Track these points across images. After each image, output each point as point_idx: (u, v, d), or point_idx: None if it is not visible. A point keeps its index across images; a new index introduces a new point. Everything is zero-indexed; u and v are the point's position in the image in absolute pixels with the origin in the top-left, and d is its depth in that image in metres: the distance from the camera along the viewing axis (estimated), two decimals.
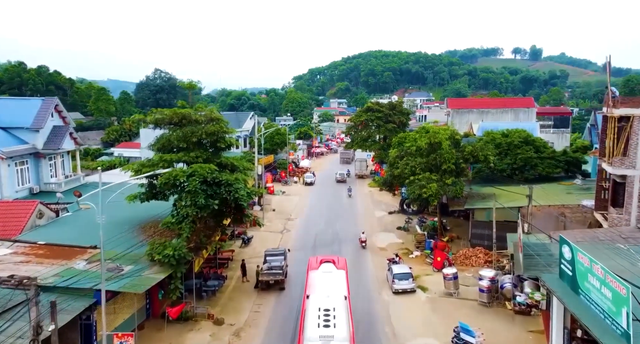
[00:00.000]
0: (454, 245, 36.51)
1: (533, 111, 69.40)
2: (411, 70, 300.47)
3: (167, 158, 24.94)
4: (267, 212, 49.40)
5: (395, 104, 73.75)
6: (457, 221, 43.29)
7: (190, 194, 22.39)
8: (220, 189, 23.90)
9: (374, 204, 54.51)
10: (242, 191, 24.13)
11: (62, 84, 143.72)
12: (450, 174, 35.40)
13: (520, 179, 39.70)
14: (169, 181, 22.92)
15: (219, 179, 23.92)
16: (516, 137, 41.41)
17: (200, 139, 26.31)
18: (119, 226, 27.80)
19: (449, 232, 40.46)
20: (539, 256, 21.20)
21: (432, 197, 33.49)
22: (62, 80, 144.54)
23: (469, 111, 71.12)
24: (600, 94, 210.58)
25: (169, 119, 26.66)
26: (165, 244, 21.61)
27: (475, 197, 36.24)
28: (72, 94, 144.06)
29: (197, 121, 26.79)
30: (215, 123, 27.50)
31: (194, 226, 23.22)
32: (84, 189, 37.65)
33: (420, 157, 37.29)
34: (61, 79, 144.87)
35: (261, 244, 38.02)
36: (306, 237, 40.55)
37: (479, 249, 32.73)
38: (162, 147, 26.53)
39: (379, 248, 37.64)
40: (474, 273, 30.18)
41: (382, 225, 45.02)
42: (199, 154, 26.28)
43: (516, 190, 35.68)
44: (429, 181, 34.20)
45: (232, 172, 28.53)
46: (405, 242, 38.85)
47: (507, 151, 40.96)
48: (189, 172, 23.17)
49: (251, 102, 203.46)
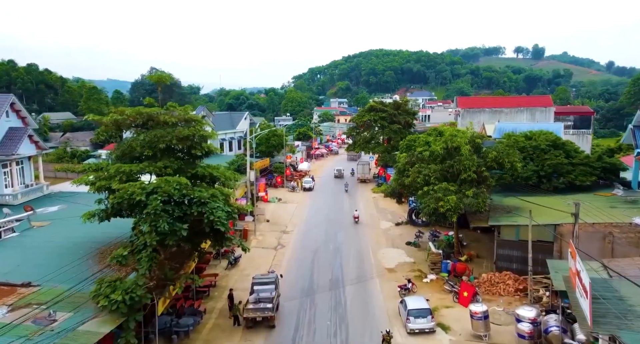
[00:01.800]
0: (475, 266, 31.41)
1: (551, 110, 64.10)
2: (413, 69, 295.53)
3: (126, 169, 19.83)
4: (260, 223, 44.32)
5: (400, 103, 68.67)
6: (473, 235, 38.10)
7: (149, 218, 17.29)
8: (191, 209, 18.81)
9: (379, 213, 49.41)
10: (219, 211, 19.03)
11: (52, 82, 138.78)
12: (470, 184, 30.33)
13: (549, 188, 34.61)
14: (122, 201, 17.81)
15: (191, 197, 18.82)
16: (542, 140, 36.28)
17: (170, 145, 21.25)
18: (74, 250, 22.83)
19: (467, 249, 35.39)
20: (605, 300, 16.11)
21: (450, 212, 28.41)
22: (52, 78, 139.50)
23: (480, 111, 65.81)
24: (607, 93, 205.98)
25: (131, 121, 21.56)
26: (115, 284, 16.52)
27: (499, 211, 31.11)
28: (63, 93, 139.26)
29: (167, 123, 21.68)
30: (190, 125, 22.46)
31: (156, 257, 18.13)
32: (46, 201, 32.64)
33: (435, 164, 32.22)
34: (52, 77, 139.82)
35: (251, 265, 32.93)
36: (303, 256, 35.42)
37: (506, 274, 27.61)
38: (122, 156, 21.46)
39: (387, 270, 32.50)
40: (504, 305, 25.09)
41: (388, 239, 39.88)
42: (168, 163, 21.21)
43: (546, 202, 30.61)
44: (446, 192, 29.11)
45: (211, 184, 23.50)
46: (417, 262, 33.71)
47: (532, 156, 35.85)
48: (149, 188, 18.08)
49: (250, 102, 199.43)
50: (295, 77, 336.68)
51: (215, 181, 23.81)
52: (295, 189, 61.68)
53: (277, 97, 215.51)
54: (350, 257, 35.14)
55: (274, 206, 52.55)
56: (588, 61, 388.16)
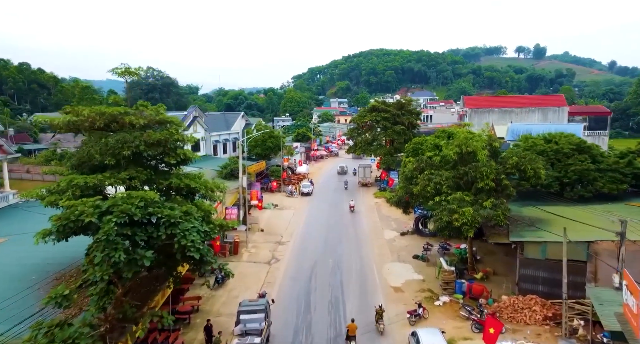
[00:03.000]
0: (492, 285, 27.86)
1: (564, 110, 60.40)
2: (413, 69, 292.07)
3: (80, 182, 16.26)
4: (253, 233, 40.82)
5: (403, 103, 65.09)
6: (486, 246, 34.57)
7: (102, 245, 13.74)
8: (158, 231, 15.27)
9: (382, 221, 45.90)
10: (194, 233, 15.49)
11: (45, 82, 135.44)
12: (488, 194, 26.81)
13: (573, 197, 31.11)
14: (67, 223, 14.24)
15: (158, 216, 15.27)
16: (565, 143, 32.73)
17: (137, 151, 17.70)
18: (24, 276, 19.29)
19: (481, 264, 31.91)
20: None
21: (466, 227, 24.88)
22: (45, 78, 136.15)
23: (489, 111, 62.12)
24: (611, 93, 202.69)
25: (90, 123, 18.02)
26: (53, 332, 12.96)
27: (518, 224, 27.56)
28: (56, 92, 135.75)
29: (134, 126, 18.13)
30: (162, 128, 18.94)
31: (112, 292, 14.56)
32: (10, 213, 29.12)
33: (447, 171, 28.72)
34: (44, 76, 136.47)
35: (240, 284, 29.34)
36: (299, 272, 31.85)
37: (532, 299, 24.04)
38: (79, 165, 17.92)
39: (393, 289, 28.96)
40: (532, 337, 21.53)
41: (394, 251, 36.35)
42: (135, 173, 17.66)
43: (571, 213, 27.13)
44: (461, 203, 25.61)
45: (189, 197, 19.96)
46: (426, 279, 30.17)
47: (553, 161, 32.32)
48: (104, 206, 14.53)
49: (248, 102, 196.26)
50: (295, 77, 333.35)
51: (194, 193, 20.30)
52: (294, 194, 58.18)
53: (276, 97, 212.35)
54: (351, 273, 31.61)
55: (270, 213, 49.02)
56: (590, 61, 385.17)
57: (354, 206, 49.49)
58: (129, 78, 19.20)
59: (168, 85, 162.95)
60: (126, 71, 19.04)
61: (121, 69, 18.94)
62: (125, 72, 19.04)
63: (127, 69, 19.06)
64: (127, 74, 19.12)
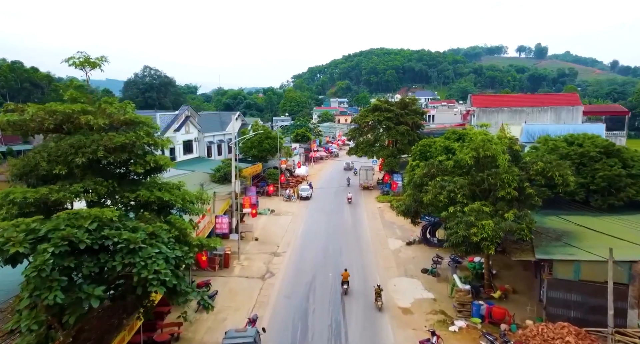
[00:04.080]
0: (514, 306, 24.65)
1: (579, 109, 57.00)
2: (414, 68, 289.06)
3: (18, 197, 13.03)
4: (247, 242, 37.63)
5: (407, 102, 61.81)
6: (503, 259, 31.25)
7: (32, 285, 10.55)
8: (114, 260, 12.09)
9: (386, 228, 42.71)
10: (159, 261, 12.30)
11: (38, 81, 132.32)
12: (509, 204, 23.60)
13: (601, 206, 27.90)
14: None
15: (114, 240, 12.09)
16: (590, 145, 29.51)
17: (95, 158, 14.49)
18: None
19: (497, 280, 28.72)
20: None
21: (486, 243, 21.68)
22: (38, 77, 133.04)
23: (498, 110, 58.74)
24: (615, 92, 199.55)
25: (38, 123, 14.80)
26: None
27: (543, 237, 24.31)
28: (49, 92, 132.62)
29: (91, 127, 14.90)
30: (128, 129, 15.73)
31: (52, 339, 11.37)
32: None
33: (461, 177, 25.51)
34: (38, 75, 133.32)
35: (230, 304, 26.10)
36: (296, 290, 28.57)
37: (563, 327, 20.70)
38: (22, 175, 14.70)
39: (401, 310, 25.71)
40: None
41: (400, 264, 33.13)
42: (93, 185, 14.44)
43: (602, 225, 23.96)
44: (480, 214, 22.41)
45: (162, 213, 16.74)
46: (437, 298, 26.93)
47: (578, 166, 29.10)
48: (42, 231, 11.33)
49: (247, 102, 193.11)
50: (295, 76, 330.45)
51: (169, 208, 17.08)
52: (292, 198, 54.97)
53: (276, 96, 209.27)
54: (354, 290, 28.36)
55: (265, 219, 45.80)
56: (591, 60, 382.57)
57: (351, 198, 52.52)
58: (89, 69, 15.95)
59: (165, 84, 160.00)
60: (86, 62, 15.82)
61: (79, 58, 15.71)
62: (85, 63, 15.81)
63: (87, 59, 15.84)
64: (87, 65, 15.88)
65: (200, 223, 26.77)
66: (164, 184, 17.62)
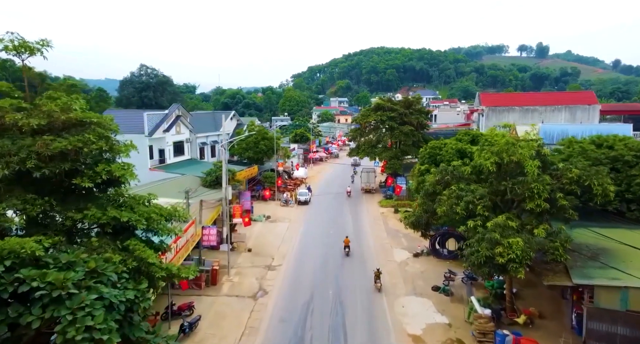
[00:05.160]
0: (541, 335, 21.32)
1: (595, 108, 53.61)
2: (415, 67, 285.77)
3: None
4: (239, 254, 34.35)
5: (411, 101, 58.44)
6: None
7: None
8: (30, 313, 8.76)
9: (390, 236, 39.41)
10: (97, 311, 8.94)
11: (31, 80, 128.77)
12: (539, 218, 20.27)
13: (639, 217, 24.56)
14: None
15: (33, 285, 8.76)
16: (623, 148, 26.17)
17: (24, 169, 11.16)
18: None
19: (520, 301, 25.35)
20: None
21: (514, 265, 18.35)
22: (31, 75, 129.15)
23: (508, 109, 55.31)
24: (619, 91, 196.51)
25: None
26: None
27: (577, 256, 20.95)
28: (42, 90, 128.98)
29: (21, 129, 11.58)
30: (75, 131, 12.40)
31: None
32: None
33: (480, 185, 22.18)
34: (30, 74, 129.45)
35: (215, 331, 22.76)
36: (291, 311, 25.19)
37: None
38: None
39: (412, 337, 22.33)
40: None
41: (407, 279, 29.76)
42: (20, 204, 11.11)
43: None
44: (505, 230, 19.08)
45: (120, 236, 13.39)
46: (453, 323, 23.56)
47: (611, 172, 25.69)
48: None
49: (246, 101, 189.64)
50: (294, 75, 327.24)
51: (132, 229, 13.74)
52: (289, 202, 51.66)
53: (275, 96, 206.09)
54: (356, 311, 25.03)
55: (260, 227, 42.44)
56: (593, 60, 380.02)
57: (350, 191, 55.14)
58: (26, 56, 12.64)
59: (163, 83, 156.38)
60: (21, 46, 12.49)
61: (11, 41, 12.38)
62: (21, 48, 12.48)
63: (23, 43, 12.51)
64: (25, 51, 12.55)
65: (180, 239, 23.40)
66: (128, 199, 14.29)
